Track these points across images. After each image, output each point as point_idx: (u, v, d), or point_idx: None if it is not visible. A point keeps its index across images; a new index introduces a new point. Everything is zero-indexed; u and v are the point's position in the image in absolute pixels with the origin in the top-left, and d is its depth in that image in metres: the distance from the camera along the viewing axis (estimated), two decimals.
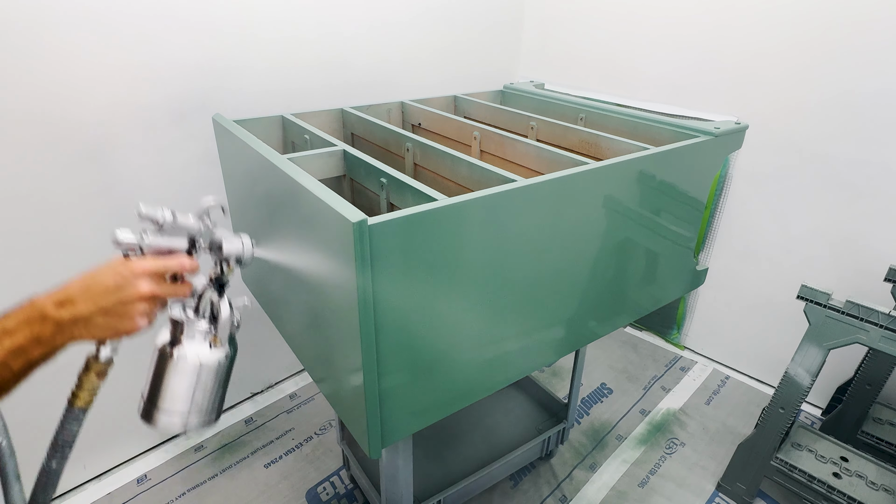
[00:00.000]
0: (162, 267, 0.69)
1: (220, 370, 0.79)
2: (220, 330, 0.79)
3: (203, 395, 0.77)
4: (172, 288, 0.72)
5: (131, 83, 1.65)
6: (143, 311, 0.67)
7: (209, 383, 0.77)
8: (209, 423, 0.80)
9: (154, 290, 0.67)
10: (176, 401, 0.76)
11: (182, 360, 0.75)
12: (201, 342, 0.77)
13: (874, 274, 2.03)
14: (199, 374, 0.76)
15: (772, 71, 2.14)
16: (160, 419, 0.76)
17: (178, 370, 0.76)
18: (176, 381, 0.76)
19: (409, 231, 0.93)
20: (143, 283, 0.66)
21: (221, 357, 0.79)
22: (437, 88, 2.48)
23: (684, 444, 2.21)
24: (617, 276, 1.46)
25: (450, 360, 1.13)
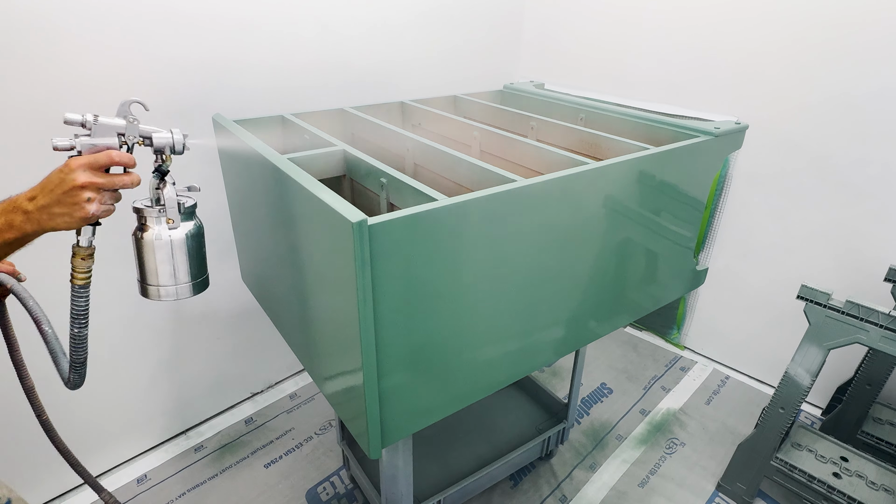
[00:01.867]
0: (93, 159, 0.82)
1: (183, 244, 0.93)
2: (168, 211, 0.93)
3: (177, 266, 0.93)
4: (109, 178, 0.84)
5: (131, 83, 1.65)
6: (86, 197, 0.81)
7: (179, 256, 0.93)
8: (193, 289, 0.96)
9: (90, 179, 0.81)
10: (155, 275, 0.93)
11: (146, 241, 0.92)
12: (159, 225, 0.92)
13: (874, 274, 2.03)
14: (164, 251, 0.92)
15: (772, 71, 2.15)
16: (150, 292, 0.94)
17: (146, 251, 0.93)
18: (149, 260, 0.93)
19: (409, 231, 0.93)
20: (79, 175, 0.80)
21: (179, 233, 0.93)
22: (438, 88, 2.48)
23: (684, 444, 2.21)
24: (617, 276, 1.46)
25: (450, 359, 1.13)
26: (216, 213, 1.97)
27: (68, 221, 0.82)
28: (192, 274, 0.96)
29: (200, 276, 0.97)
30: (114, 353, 1.90)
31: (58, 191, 0.80)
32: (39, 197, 0.81)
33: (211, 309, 2.12)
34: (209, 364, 2.20)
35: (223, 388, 2.31)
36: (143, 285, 0.95)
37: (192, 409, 2.23)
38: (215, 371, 2.24)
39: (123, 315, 1.88)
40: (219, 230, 2.00)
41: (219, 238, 2.02)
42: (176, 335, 2.05)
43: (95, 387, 1.88)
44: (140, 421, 2.07)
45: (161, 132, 0.93)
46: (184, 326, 2.06)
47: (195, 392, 2.20)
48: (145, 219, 0.93)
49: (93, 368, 1.93)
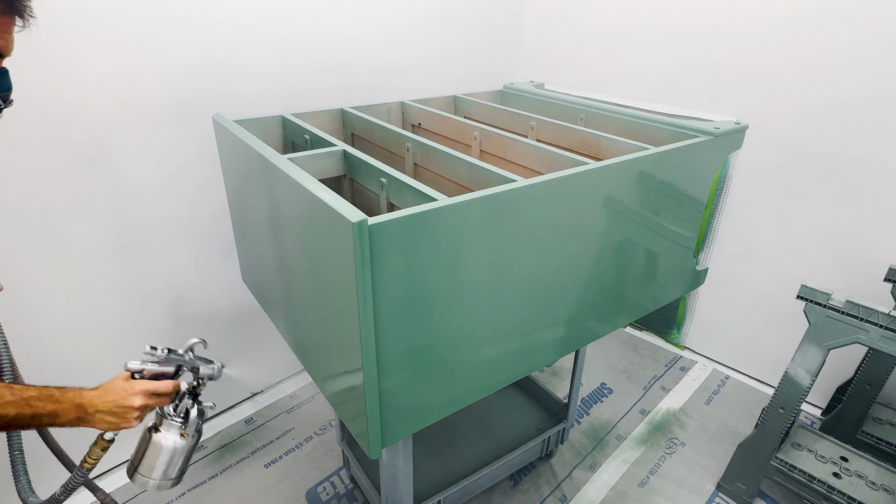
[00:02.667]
0: (153, 388, 0.98)
1: (184, 453, 1.08)
2: (188, 427, 1.08)
3: (169, 468, 1.07)
4: (158, 400, 1.01)
5: (132, 83, 1.65)
6: (136, 416, 0.97)
7: (175, 461, 1.07)
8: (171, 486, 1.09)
9: (145, 403, 0.97)
10: (149, 469, 1.05)
11: (158, 443, 1.05)
12: (174, 432, 1.06)
13: (874, 274, 2.03)
14: (168, 454, 1.06)
15: (772, 71, 2.15)
16: (138, 480, 1.06)
17: (152, 448, 1.05)
18: (151, 456, 1.05)
19: (409, 231, 0.93)
20: (138, 399, 0.95)
21: (186, 445, 1.08)
22: (438, 88, 2.48)
23: (684, 444, 2.21)
24: (617, 275, 1.46)
25: (450, 359, 1.14)
26: (216, 213, 1.97)
27: (109, 427, 0.96)
28: (177, 476, 1.09)
29: (181, 476, 1.11)
30: (114, 353, 1.89)
31: (116, 404, 0.94)
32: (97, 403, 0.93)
33: (211, 309, 2.12)
34: None
35: (223, 388, 2.31)
36: (134, 472, 1.07)
37: None
38: None
39: (123, 315, 1.88)
40: (219, 230, 2.01)
41: (219, 238, 2.02)
42: (176, 335, 2.05)
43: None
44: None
45: (207, 366, 1.11)
46: (184, 326, 2.06)
47: None
48: (162, 422, 1.06)
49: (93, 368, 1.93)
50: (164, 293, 1.96)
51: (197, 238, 1.98)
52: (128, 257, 1.82)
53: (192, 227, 1.95)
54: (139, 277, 1.87)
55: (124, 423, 0.95)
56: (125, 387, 0.95)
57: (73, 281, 1.71)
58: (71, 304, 1.72)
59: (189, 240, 1.96)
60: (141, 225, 1.82)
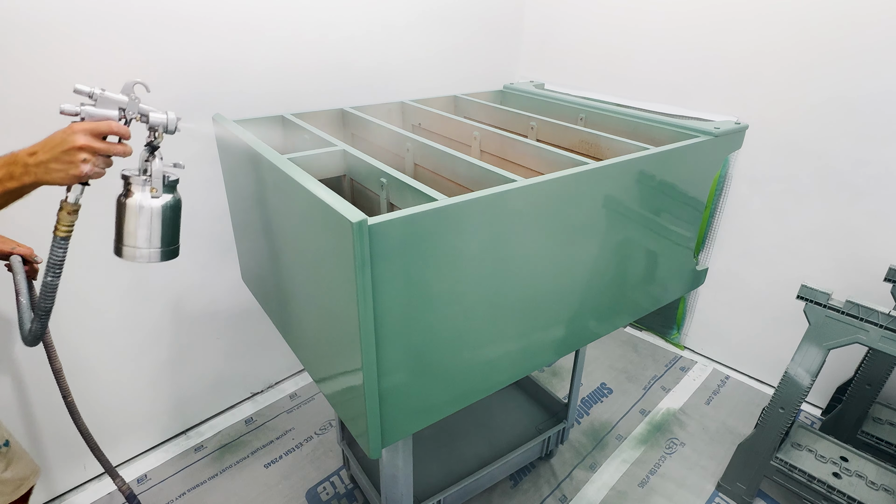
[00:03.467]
0: (94, 126, 0.91)
1: (163, 212, 1.02)
2: (154, 181, 1.02)
3: (151, 233, 1.02)
4: (107, 145, 0.93)
5: None
6: (82, 158, 0.90)
7: (154, 223, 1.02)
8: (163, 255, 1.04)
9: (88, 143, 0.90)
10: (131, 237, 1.02)
11: (129, 206, 1.01)
12: (143, 192, 1.01)
13: (874, 274, 2.04)
14: (143, 216, 1.01)
15: (772, 71, 2.15)
16: (125, 252, 1.03)
17: (128, 214, 1.01)
18: (129, 223, 1.02)
19: (409, 231, 0.93)
20: (79, 137, 0.89)
21: (159, 202, 1.02)
22: (438, 88, 2.48)
23: (684, 444, 2.21)
24: (617, 275, 1.46)
25: (450, 359, 1.14)
26: (216, 213, 1.97)
27: (62, 177, 0.91)
28: (164, 241, 1.04)
29: (172, 244, 1.06)
30: (114, 353, 1.90)
31: (58, 149, 0.89)
32: (40, 153, 0.90)
33: (211, 309, 2.12)
34: (209, 364, 2.20)
35: (223, 388, 2.31)
36: (119, 245, 1.03)
37: (192, 409, 2.23)
38: (215, 371, 2.24)
39: (124, 315, 1.88)
40: (219, 230, 2.01)
41: (219, 238, 2.02)
42: (176, 335, 2.05)
43: (96, 387, 1.88)
44: (140, 421, 2.07)
45: (157, 112, 1.03)
46: (184, 326, 2.06)
47: (195, 392, 2.20)
48: (131, 185, 1.02)
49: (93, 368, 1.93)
50: (164, 293, 1.96)
51: (197, 238, 1.98)
52: None
53: (192, 227, 1.95)
54: (139, 277, 1.87)
55: (73, 168, 0.90)
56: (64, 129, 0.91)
57: (72, 281, 1.71)
58: (70, 304, 1.72)
59: (189, 240, 1.94)
60: None
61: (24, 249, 1.27)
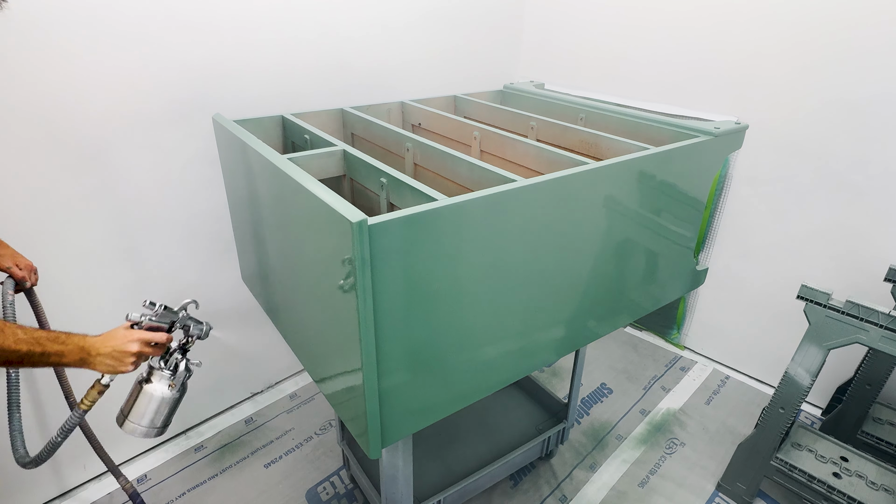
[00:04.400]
0: (149, 338, 1.10)
1: (171, 403, 1.20)
2: (176, 379, 1.20)
3: (156, 417, 1.18)
4: (152, 350, 1.12)
5: (132, 84, 1.65)
6: (132, 361, 1.07)
7: (162, 410, 1.19)
8: (155, 434, 1.20)
9: (141, 350, 1.08)
10: (138, 417, 1.17)
11: (148, 392, 1.17)
12: (163, 384, 1.18)
13: (874, 274, 2.03)
14: (156, 403, 1.18)
15: (772, 71, 2.14)
16: (126, 426, 1.17)
17: (142, 397, 1.17)
18: (139, 405, 1.17)
19: (409, 231, 0.93)
20: (135, 345, 1.07)
21: (174, 396, 1.20)
22: (438, 88, 2.48)
23: (684, 444, 2.21)
24: (617, 275, 1.46)
25: (450, 359, 1.13)
26: (216, 213, 1.97)
27: (108, 370, 1.06)
28: (163, 424, 1.20)
29: (167, 426, 1.22)
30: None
31: (115, 348, 1.05)
32: (100, 346, 1.04)
33: (211, 309, 2.11)
34: (209, 364, 2.19)
35: (223, 388, 2.31)
36: (124, 419, 1.18)
37: (192, 409, 2.23)
38: (215, 371, 2.23)
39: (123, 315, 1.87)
40: (219, 230, 2.01)
41: (219, 238, 2.02)
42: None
43: None
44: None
45: (197, 325, 1.24)
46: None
47: (195, 392, 2.19)
48: (153, 375, 1.18)
49: None
50: (164, 293, 1.96)
51: (197, 238, 1.97)
52: (128, 257, 1.82)
53: (192, 227, 1.95)
54: (139, 277, 1.87)
55: (121, 366, 1.05)
56: (125, 334, 1.07)
57: (72, 281, 1.71)
58: (70, 304, 1.72)
59: (189, 240, 1.96)
60: (141, 225, 1.82)
61: (18, 274, 1.34)
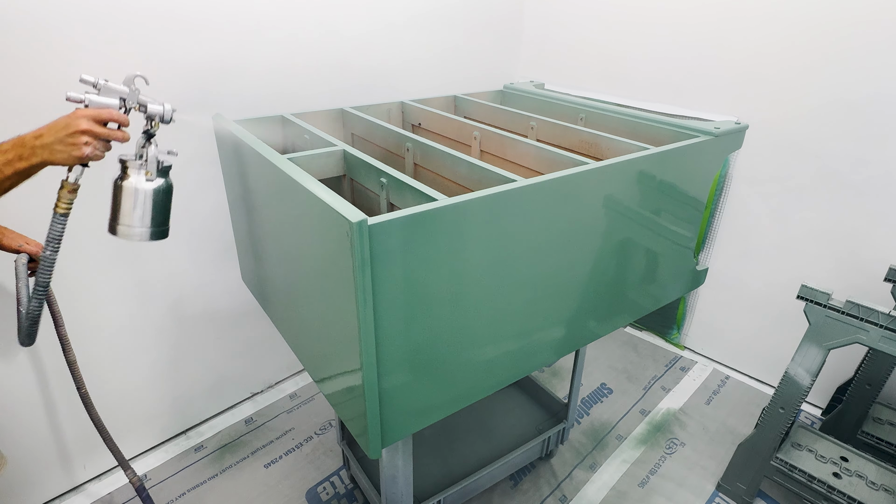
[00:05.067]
0: (96, 113, 1.01)
1: (156, 195, 1.11)
2: (149, 166, 1.10)
3: (144, 213, 1.10)
4: (107, 130, 1.02)
5: None
6: (84, 141, 0.99)
7: (147, 204, 1.10)
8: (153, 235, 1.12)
9: (90, 127, 0.99)
10: (125, 216, 1.10)
11: (125, 188, 1.09)
12: (138, 176, 1.10)
13: (874, 274, 2.03)
14: (138, 197, 1.09)
15: (772, 71, 2.14)
16: (119, 230, 1.11)
17: (124, 195, 1.10)
18: (124, 204, 1.10)
19: (409, 231, 0.93)
20: (83, 122, 0.99)
21: (155, 186, 1.11)
22: (438, 88, 2.48)
23: (684, 444, 2.21)
24: (617, 276, 1.46)
25: (449, 359, 1.13)
26: (216, 213, 1.97)
27: (65, 158, 1.00)
28: (155, 221, 1.12)
29: (163, 225, 1.14)
30: (114, 353, 1.90)
31: (62, 132, 0.98)
32: (46, 135, 0.98)
33: (211, 309, 2.12)
34: (209, 364, 2.20)
35: (223, 388, 2.31)
36: (114, 224, 1.11)
37: (192, 409, 2.23)
38: (215, 371, 2.23)
39: (123, 315, 1.88)
40: (219, 230, 2.01)
41: (219, 238, 2.02)
42: (176, 335, 2.05)
43: (96, 387, 1.88)
44: (140, 421, 2.07)
45: (154, 103, 1.10)
46: (184, 326, 2.06)
47: (195, 392, 2.20)
48: (127, 169, 1.10)
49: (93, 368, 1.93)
50: (164, 293, 1.96)
51: (197, 238, 1.97)
52: (127, 257, 1.82)
53: (192, 227, 1.95)
54: (139, 277, 1.87)
55: (74, 149, 0.99)
56: (68, 115, 1.01)
57: (72, 281, 1.71)
58: (70, 304, 1.71)
59: (189, 240, 1.96)
60: None
61: (30, 248, 1.29)
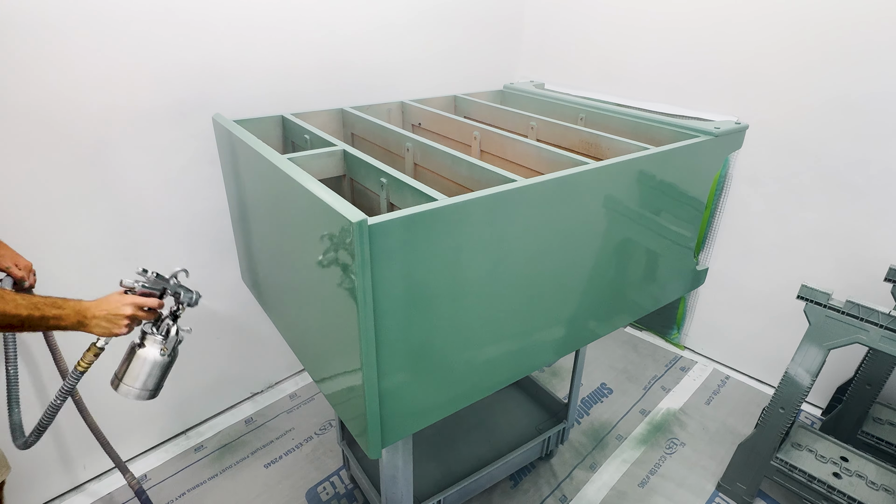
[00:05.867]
0: (142, 302, 1.18)
1: (163, 367, 1.27)
2: (168, 343, 1.27)
3: (148, 379, 1.26)
4: (145, 315, 1.19)
5: (132, 83, 1.65)
6: (126, 324, 1.15)
7: (155, 374, 1.26)
8: (149, 397, 1.28)
9: (134, 313, 1.16)
10: (132, 379, 1.25)
11: (140, 356, 1.24)
12: (155, 348, 1.25)
13: (874, 274, 2.03)
14: (148, 366, 1.25)
15: (772, 71, 2.14)
16: (121, 389, 1.25)
17: (135, 361, 1.24)
18: (133, 368, 1.24)
19: (409, 231, 0.93)
20: (129, 308, 1.15)
21: (165, 360, 1.27)
22: (438, 88, 2.48)
23: (684, 444, 2.21)
24: (617, 276, 1.46)
25: (449, 359, 1.14)
26: (216, 213, 1.97)
27: (103, 333, 1.14)
28: (154, 387, 1.28)
29: (158, 389, 1.29)
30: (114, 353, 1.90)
31: (111, 312, 1.12)
32: (95, 310, 1.11)
33: (211, 309, 2.12)
34: (209, 364, 2.20)
35: (223, 388, 2.31)
36: (118, 382, 1.25)
37: (192, 409, 2.23)
38: (215, 371, 2.23)
39: None
40: (219, 230, 2.01)
41: (219, 238, 2.02)
42: None
43: (96, 387, 1.88)
44: (140, 421, 2.07)
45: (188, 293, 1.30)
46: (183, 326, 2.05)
47: (195, 392, 2.20)
48: (146, 339, 1.25)
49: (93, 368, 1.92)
50: None
51: (197, 238, 1.97)
52: (127, 257, 1.82)
53: (192, 227, 1.95)
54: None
55: (115, 328, 1.13)
56: (119, 298, 1.15)
57: (72, 281, 1.71)
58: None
59: (189, 240, 1.96)
60: (141, 225, 1.82)
61: (17, 273, 1.38)
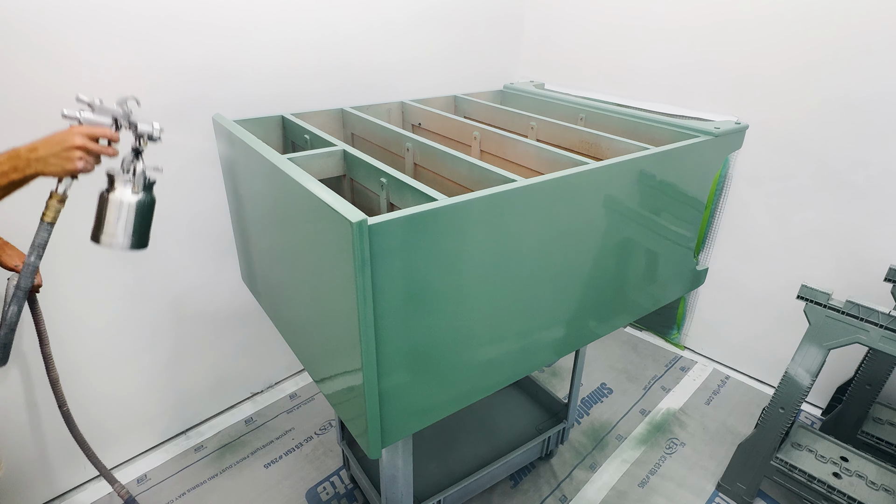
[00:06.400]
0: (90, 130, 1.07)
1: (140, 208, 1.16)
2: (136, 180, 1.15)
3: (128, 225, 1.15)
4: (100, 147, 1.08)
5: (132, 84, 1.65)
6: (78, 156, 1.04)
7: (131, 216, 1.15)
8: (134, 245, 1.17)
9: (84, 143, 1.04)
10: (109, 226, 1.15)
11: (111, 200, 1.14)
12: (125, 189, 1.15)
13: (874, 274, 2.03)
14: (122, 209, 1.14)
15: (772, 71, 2.14)
16: (102, 239, 1.15)
17: (109, 207, 1.14)
18: (109, 215, 1.14)
19: (409, 231, 0.93)
20: (77, 138, 1.04)
21: (139, 199, 1.16)
22: (438, 88, 2.48)
23: (684, 444, 2.21)
24: (617, 276, 1.46)
25: (450, 359, 1.14)
26: (216, 213, 1.97)
27: (58, 171, 1.05)
28: (137, 233, 1.17)
29: (143, 236, 1.19)
30: (114, 353, 1.90)
31: (57, 146, 1.03)
32: (41, 149, 1.03)
33: (211, 309, 2.12)
34: (209, 364, 2.20)
35: (223, 388, 2.31)
36: (97, 234, 1.16)
37: (192, 409, 2.23)
38: (215, 371, 2.24)
39: (124, 315, 1.88)
40: (219, 230, 2.01)
41: (219, 238, 2.02)
42: (176, 335, 2.05)
43: (96, 387, 1.88)
44: (140, 421, 2.07)
45: (144, 122, 1.16)
46: (184, 326, 2.06)
47: (195, 392, 2.20)
48: (115, 182, 1.15)
49: (93, 368, 1.93)
50: (164, 293, 1.96)
51: (197, 238, 1.97)
52: (127, 257, 1.82)
53: (192, 227, 1.95)
54: (139, 277, 1.87)
55: (68, 163, 1.04)
56: (64, 130, 1.06)
57: (71, 281, 1.71)
58: (70, 304, 1.72)
59: (189, 240, 1.96)
60: None
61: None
